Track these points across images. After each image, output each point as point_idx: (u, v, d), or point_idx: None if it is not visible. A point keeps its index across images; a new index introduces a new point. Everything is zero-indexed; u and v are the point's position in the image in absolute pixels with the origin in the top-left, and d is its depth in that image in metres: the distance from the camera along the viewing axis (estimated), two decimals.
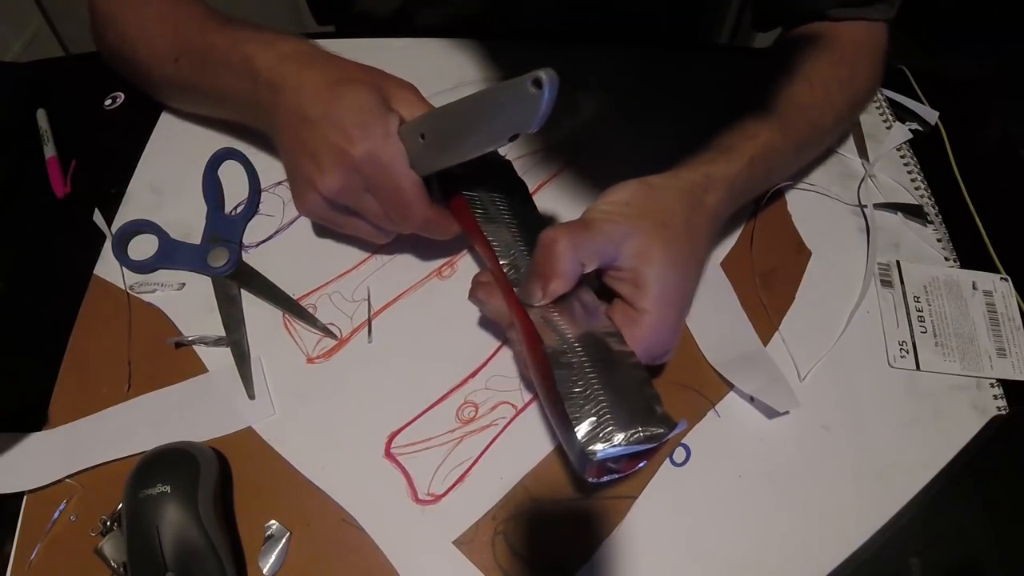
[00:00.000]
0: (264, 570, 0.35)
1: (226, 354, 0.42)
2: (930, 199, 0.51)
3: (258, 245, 0.47)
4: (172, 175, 0.50)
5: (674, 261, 0.36)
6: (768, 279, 0.46)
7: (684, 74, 0.57)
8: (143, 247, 0.46)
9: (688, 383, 0.42)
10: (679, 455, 0.39)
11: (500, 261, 0.38)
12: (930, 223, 0.50)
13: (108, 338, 0.42)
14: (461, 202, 0.41)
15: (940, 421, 0.41)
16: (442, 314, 0.43)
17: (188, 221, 0.47)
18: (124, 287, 0.44)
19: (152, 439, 0.37)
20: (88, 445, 0.38)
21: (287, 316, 0.43)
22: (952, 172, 0.53)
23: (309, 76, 0.39)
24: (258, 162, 0.50)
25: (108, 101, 0.55)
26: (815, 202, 0.51)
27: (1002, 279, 0.47)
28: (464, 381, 0.41)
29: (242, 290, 0.44)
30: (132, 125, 0.53)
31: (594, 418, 0.31)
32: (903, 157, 0.54)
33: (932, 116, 0.56)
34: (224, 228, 0.47)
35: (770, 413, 0.40)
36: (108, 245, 0.46)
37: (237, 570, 0.34)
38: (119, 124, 0.54)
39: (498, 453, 0.39)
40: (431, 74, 0.55)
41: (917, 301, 0.46)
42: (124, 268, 0.45)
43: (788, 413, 0.40)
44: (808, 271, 0.47)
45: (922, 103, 0.57)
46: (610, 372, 0.33)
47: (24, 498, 0.37)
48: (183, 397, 0.40)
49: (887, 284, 0.47)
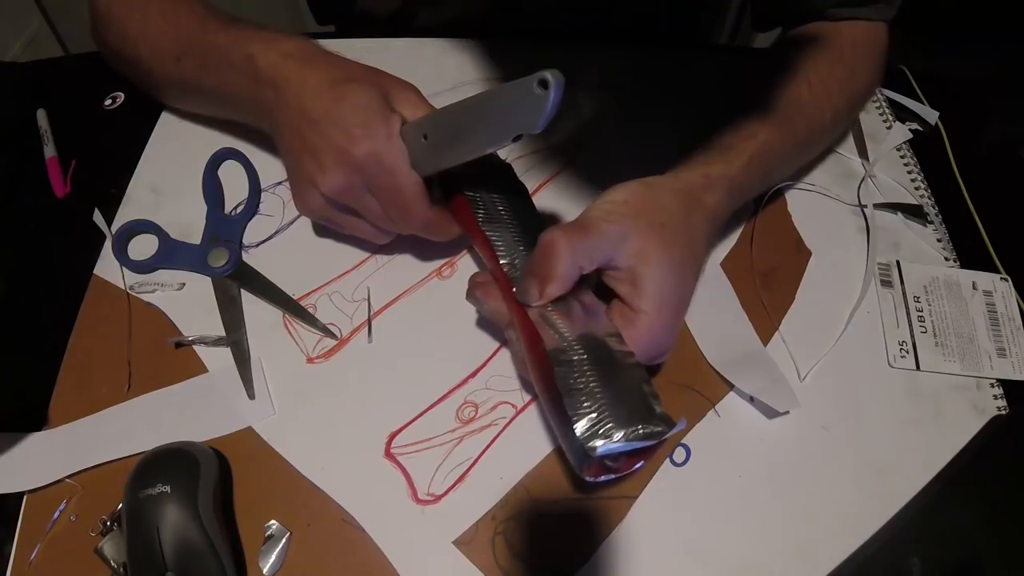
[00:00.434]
0: (264, 570, 0.35)
1: (226, 354, 0.42)
2: (930, 199, 0.51)
3: (258, 245, 0.47)
4: (172, 175, 0.50)
5: (672, 261, 0.36)
6: (768, 279, 0.46)
7: (684, 74, 0.57)
8: (143, 247, 0.46)
9: (688, 383, 0.42)
10: (679, 455, 0.39)
11: (500, 261, 0.38)
12: (930, 223, 0.50)
13: (108, 338, 0.42)
14: (462, 201, 0.41)
15: (940, 421, 0.41)
16: (442, 314, 0.43)
17: (188, 221, 0.47)
18: (124, 287, 0.44)
19: (152, 439, 0.37)
20: (88, 445, 0.38)
21: (287, 316, 0.43)
22: (952, 172, 0.53)
23: (311, 75, 0.39)
24: (258, 162, 0.50)
25: (108, 101, 0.55)
26: (815, 202, 0.51)
27: (1002, 279, 0.47)
28: (464, 381, 0.41)
29: (242, 290, 0.44)
30: (132, 125, 0.53)
31: (594, 415, 0.31)
32: (903, 157, 0.54)
33: (932, 116, 0.56)
34: (224, 228, 0.47)
35: (770, 413, 0.40)
36: (108, 245, 0.46)
37: (237, 570, 0.34)
38: (119, 124, 0.54)
39: (498, 453, 0.39)
40: (431, 74, 0.55)
41: (917, 301, 0.46)
42: (124, 268, 0.45)
43: (788, 413, 0.40)
44: (808, 271, 0.47)
45: (922, 103, 0.57)
46: (609, 371, 0.33)
47: (24, 498, 0.37)
48: (183, 397, 0.40)
49: (887, 284, 0.47)
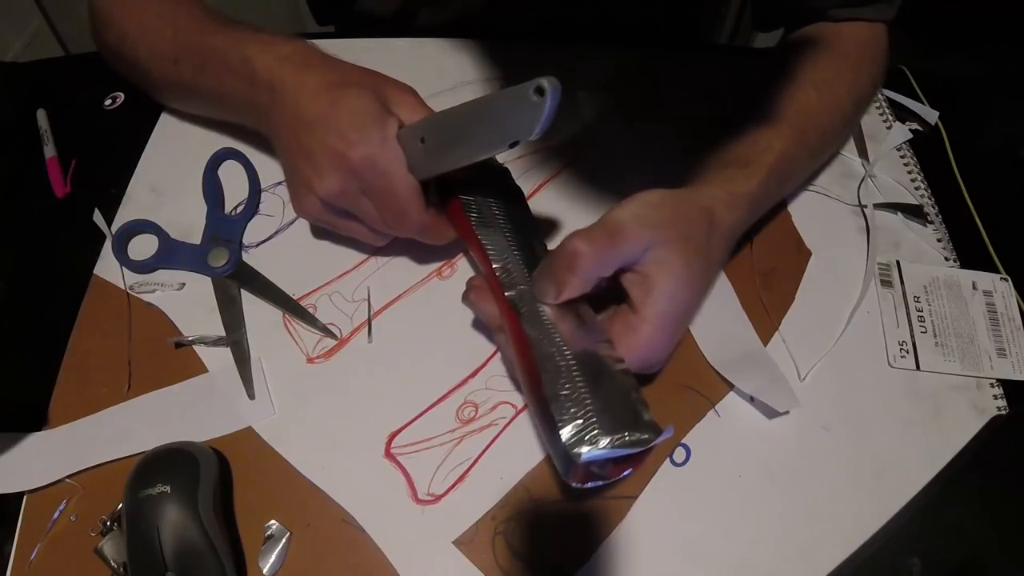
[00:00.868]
0: (264, 570, 0.35)
1: (226, 354, 0.42)
2: (930, 199, 0.51)
3: (258, 245, 0.47)
4: (172, 175, 0.50)
5: (689, 277, 0.35)
6: (768, 279, 0.46)
7: (684, 74, 0.57)
8: (143, 247, 0.46)
9: (688, 383, 0.42)
10: (679, 455, 0.39)
11: (493, 265, 0.38)
12: (930, 223, 0.50)
13: (108, 338, 0.42)
14: (457, 205, 0.41)
15: (940, 421, 0.41)
16: (442, 314, 0.43)
17: (188, 221, 0.47)
18: (124, 287, 0.44)
19: (152, 439, 0.37)
20: (88, 445, 0.38)
21: (287, 316, 0.43)
22: (952, 172, 0.53)
23: (308, 78, 0.39)
24: (258, 162, 0.50)
25: (108, 101, 0.55)
26: (815, 202, 0.51)
27: (1002, 279, 0.47)
28: (464, 381, 0.41)
29: (242, 290, 0.44)
30: (132, 125, 0.53)
31: (580, 421, 0.31)
32: (903, 157, 0.54)
33: (932, 116, 0.56)
34: (224, 228, 0.47)
35: (770, 413, 0.40)
36: (108, 245, 0.46)
37: (237, 570, 0.34)
38: (119, 124, 0.54)
39: (498, 453, 0.39)
40: (431, 74, 0.55)
41: (917, 301, 0.46)
42: (124, 268, 0.45)
43: (788, 413, 0.40)
44: (808, 271, 0.47)
45: (922, 103, 0.57)
46: (598, 377, 0.33)
47: (24, 498, 0.37)
48: (183, 397, 0.40)
49: (887, 284, 0.47)
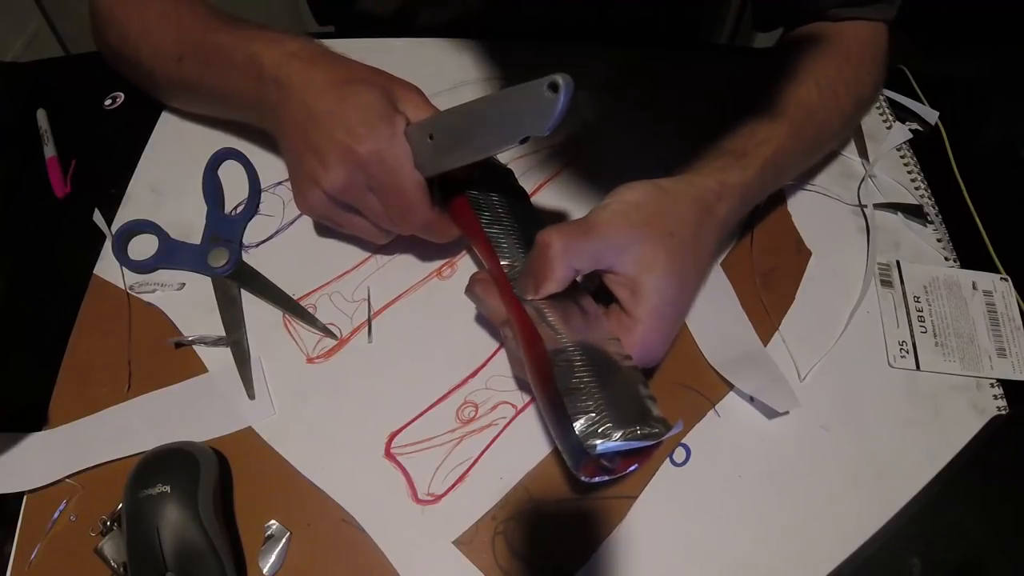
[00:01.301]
0: (264, 570, 0.35)
1: (226, 354, 0.42)
2: (930, 199, 0.51)
3: (258, 245, 0.47)
4: (172, 175, 0.50)
5: (676, 273, 0.35)
6: (768, 279, 0.46)
7: (684, 74, 0.57)
8: (143, 247, 0.46)
9: (688, 383, 0.42)
10: (679, 455, 0.39)
11: (502, 262, 0.38)
12: (930, 223, 0.50)
13: (108, 338, 0.42)
14: (464, 203, 0.41)
15: (940, 421, 0.41)
16: (442, 314, 0.43)
17: (188, 221, 0.47)
18: (124, 287, 0.44)
19: (152, 439, 0.37)
20: (88, 445, 0.38)
21: (287, 316, 0.43)
22: (952, 172, 0.53)
23: (316, 74, 0.39)
24: (258, 162, 0.50)
25: (108, 101, 0.55)
26: (815, 202, 0.51)
27: (1002, 279, 0.47)
28: (464, 381, 0.41)
29: (242, 290, 0.44)
30: (132, 125, 0.53)
31: (593, 414, 0.31)
32: (903, 157, 0.54)
33: (932, 116, 0.56)
34: (224, 228, 0.47)
35: (770, 413, 0.40)
36: (108, 245, 0.46)
37: (237, 570, 0.34)
38: (119, 124, 0.54)
39: (498, 453, 0.39)
40: (431, 74, 0.55)
41: (917, 301, 0.46)
42: (124, 268, 0.45)
43: (788, 413, 0.40)
44: (808, 271, 0.47)
45: (922, 103, 0.57)
46: (607, 372, 0.33)
47: (24, 498, 0.37)
48: (183, 397, 0.40)
49: (887, 284, 0.47)
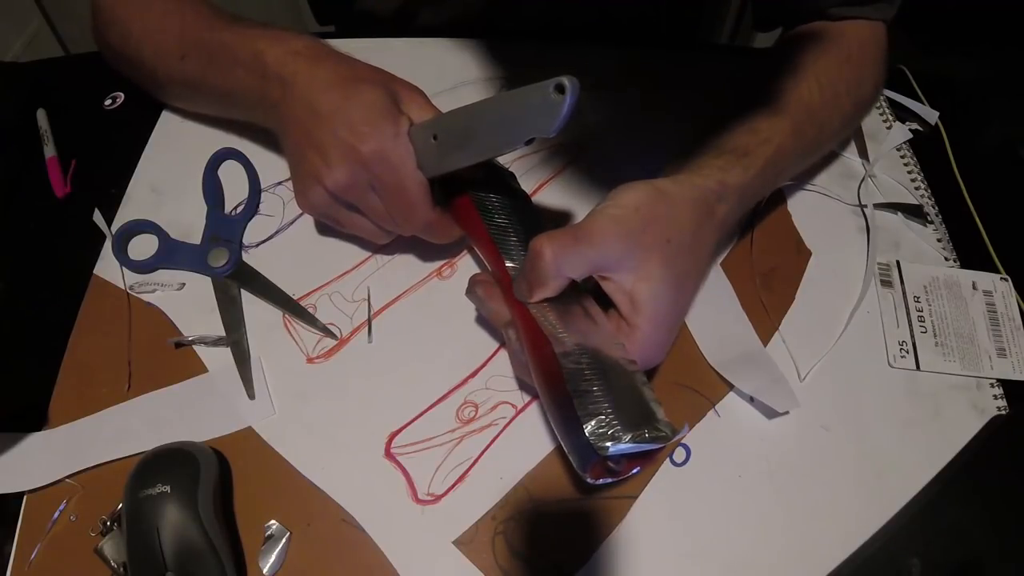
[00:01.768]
0: (264, 570, 0.35)
1: (226, 354, 0.42)
2: (930, 199, 0.51)
3: (258, 245, 0.47)
4: (172, 175, 0.50)
5: (673, 279, 0.35)
6: (768, 279, 0.46)
7: (684, 74, 0.57)
8: (143, 247, 0.46)
9: (688, 383, 0.42)
10: (679, 455, 0.39)
11: (506, 264, 0.38)
12: (930, 223, 0.50)
13: (108, 338, 0.42)
14: (467, 204, 0.41)
15: (940, 421, 0.41)
16: (442, 314, 0.43)
17: (188, 221, 0.47)
18: (124, 287, 0.44)
19: (152, 439, 0.37)
20: (88, 445, 0.38)
21: (287, 316, 0.43)
22: (952, 172, 0.53)
23: (320, 72, 0.39)
24: (258, 162, 0.50)
25: (108, 101, 0.55)
26: (815, 202, 0.51)
27: (1002, 279, 0.47)
28: (464, 381, 0.41)
29: (242, 290, 0.44)
30: (132, 125, 0.53)
31: (602, 416, 0.31)
32: (903, 157, 0.54)
33: (932, 116, 0.56)
34: (224, 228, 0.47)
35: (770, 413, 0.40)
36: (108, 245, 0.46)
37: (237, 570, 0.34)
38: (119, 124, 0.54)
39: (498, 453, 0.39)
40: (431, 74, 0.55)
41: (917, 301, 0.46)
42: (124, 268, 0.45)
43: (788, 413, 0.40)
44: (808, 271, 0.47)
45: (922, 103, 0.57)
46: (613, 375, 0.33)
47: (24, 498, 0.37)
48: (183, 397, 0.40)
49: (887, 284, 0.47)
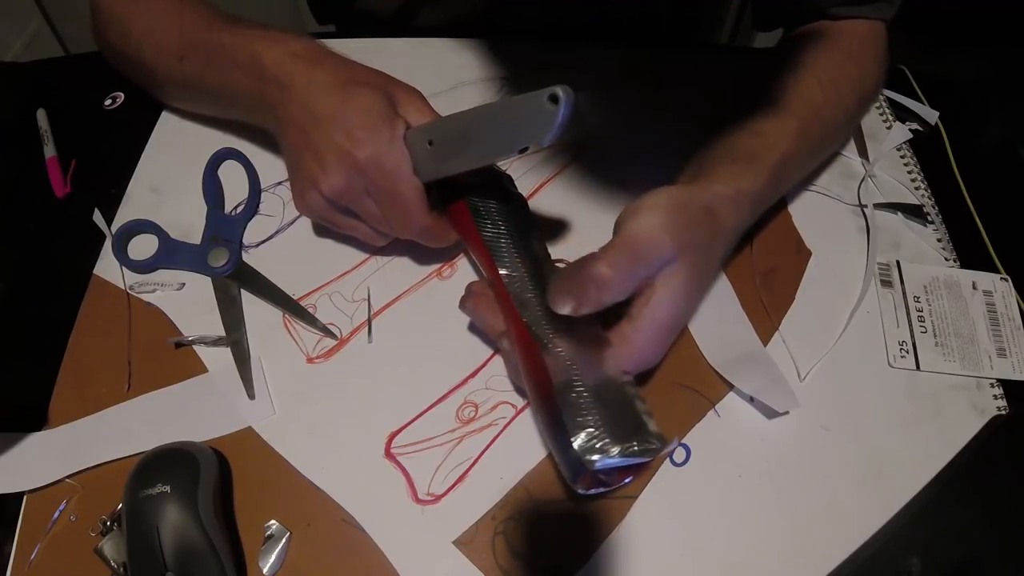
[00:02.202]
0: (264, 570, 0.35)
1: (226, 354, 0.42)
2: (930, 199, 0.51)
3: (258, 245, 0.47)
4: (172, 175, 0.50)
5: (688, 288, 0.35)
6: (768, 279, 0.46)
7: (684, 74, 0.57)
8: (143, 247, 0.46)
9: (688, 383, 0.42)
10: (679, 455, 0.39)
11: (500, 271, 0.38)
12: (930, 223, 0.50)
13: (108, 338, 0.42)
14: (463, 209, 0.41)
15: (940, 421, 0.41)
16: (442, 314, 0.43)
17: (188, 221, 0.47)
18: (124, 287, 0.44)
19: (152, 439, 0.37)
20: (88, 445, 0.38)
21: (287, 316, 0.43)
22: (952, 172, 0.53)
23: (318, 75, 0.39)
24: (258, 162, 0.50)
25: (108, 101, 0.55)
26: (815, 202, 0.51)
27: (1002, 279, 0.47)
28: (464, 381, 0.41)
29: (242, 290, 0.44)
30: (132, 125, 0.53)
31: (591, 428, 0.31)
32: (903, 157, 0.54)
33: (932, 116, 0.56)
34: (224, 228, 0.47)
35: (770, 413, 0.40)
36: (108, 245, 0.46)
37: (237, 570, 0.34)
38: (119, 124, 0.54)
39: (498, 453, 0.39)
40: (431, 74, 0.55)
41: (917, 301, 0.46)
42: (124, 268, 0.45)
43: (788, 413, 0.40)
44: (808, 271, 0.47)
45: (922, 103, 0.57)
46: (605, 387, 0.33)
47: (24, 498, 0.37)
48: (183, 397, 0.40)
49: (887, 284, 0.47)
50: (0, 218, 0.49)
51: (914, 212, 0.50)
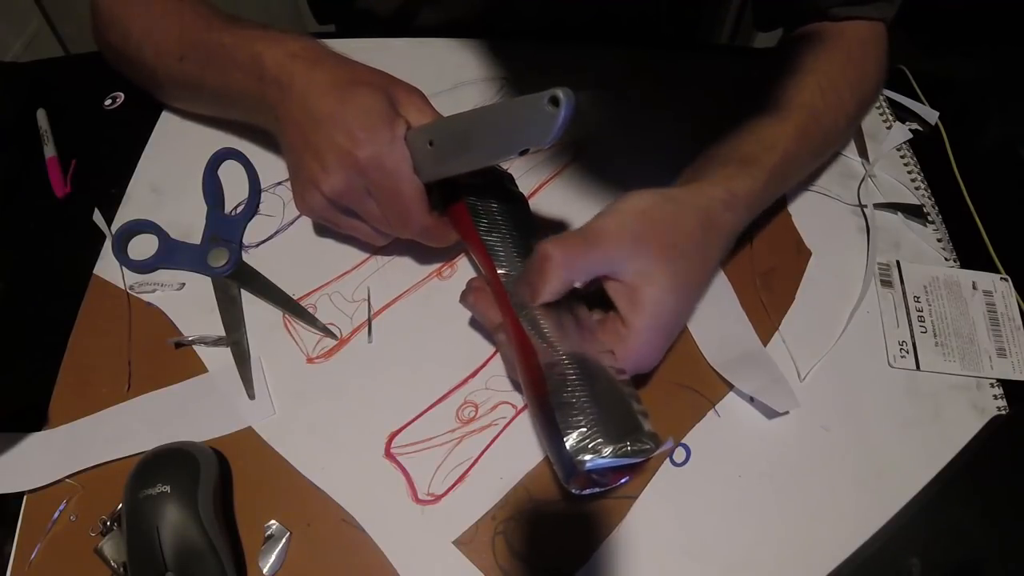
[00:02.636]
0: (264, 570, 0.35)
1: (226, 354, 0.42)
2: (930, 199, 0.51)
3: (258, 245, 0.47)
4: (172, 175, 0.50)
5: (677, 285, 0.35)
6: (768, 279, 0.46)
7: (685, 74, 0.57)
8: (143, 247, 0.46)
9: (688, 383, 0.42)
10: (679, 455, 0.39)
11: (499, 271, 0.38)
12: (930, 223, 0.50)
13: (108, 338, 0.42)
14: (462, 209, 0.41)
15: (940, 421, 0.41)
16: (442, 314, 0.43)
17: (188, 221, 0.47)
18: (124, 287, 0.44)
19: (152, 439, 0.37)
20: (88, 445, 0.38)
21: (287, 316, 0.43)
22: (952, 172, 0.53)
23: (318, 75, 0.39)
24: (258, 162, 0.50)
25: (108, 101, 0.55)
26: (815, 202, 0.51)
27: (1002, 279, 0.47)
28: (464, 381, 0.41)
29: (242, 290, 0.44)
30: (132, 125, 0.53)
31: (584, 429, 0.31)
32: (903, 157, 0.54)
33: (932, 116, 0.56)
34: (224, 228, 0.47)
35: (770, 413, 0.40)
36: (108, 245, 0.46)
37: (237, 570, 0.34)
38: (119, 124, 0.54)
39: (498, 453, 0.39)
40: (431, 74, 0.55)
41: (917, 301, 0.46)
42: (124, 268, 0.45)
43: (788, 413, 0.40)
44: (808, 271, 0.47)
45: (922, 103, 0.57)
46: (600, 386, 0.33)
47: (24, 498, 0.37)
48: (183, 397, 0.40)
49: (887, 284, 0.47)
50: (0, 218, 0.49)
51: (914, 212, 0.50)
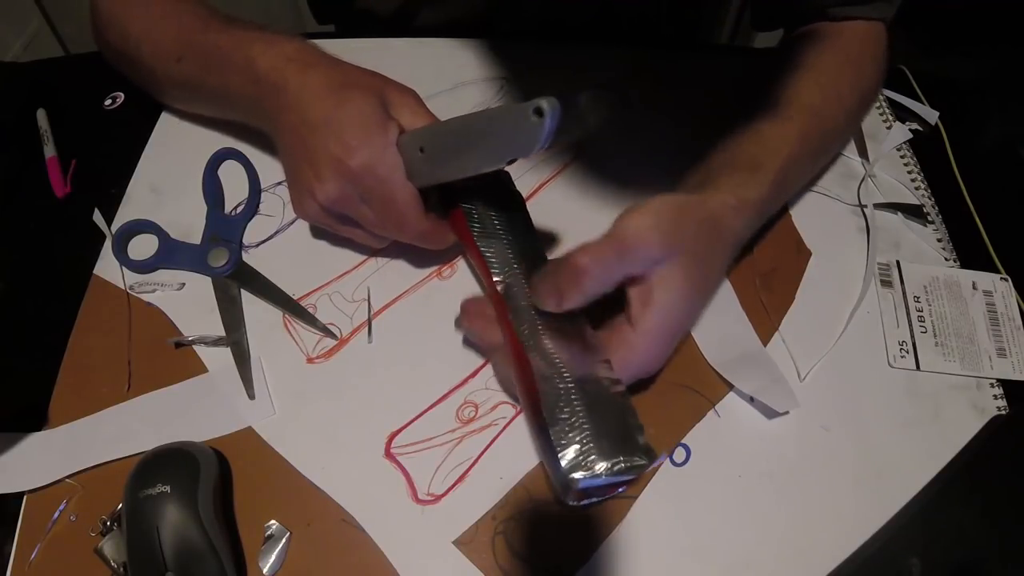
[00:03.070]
0: (264, 570, 0.35)
1: (226, 354, 0.42)
2: (930, 199, 0.51)
3: (258, 245, 0.47)
4: (172, 175, 0.50)
5: (689, 293, 0.35)
6: (768, 279, 0.46)
7: (685, 74, 0.57)
8: (143, 247, 0.46)
9: (688, 383, 0.42)
10: (679, 455, 0.39)
11: (494, 278, 0.38)
12: (930, 223, 0.50)
13: (108, 338, 0.42)
14: (459, 214, 0.41)
15: (940, 421, 0.41)
16: (442, 314, 0.43)
17: (188, 221, 0.47)
18: (124, 287, 0.44)
19: (152, 439, 0.37)
20: (88, 445, 0.38)
21: (287, 316, 0.43)
22: (952, 172, 0.53)
23: (312, 79, 0.39)
24: (258, 162, 0.50)
25: (108, 101, 0.55)
26: (815, 202, 0.51)
27: (1002, 279, 0.47)
28: (464, 381, 0.41)
29: (242, 290, 0.44)
30: (132, 125, 0.53)
31: (578, 446, 0.31)
32: (903, 157, 0.54)
33: (932, 116, 0.56)
34: (224, 228, 0.47)
35: (770, 413, 0.40)
36: (108, 245, 0.46)
37: (237, 570, 0.34)
38: (119, 124, 0.54)
39: (498, 453, 0.39)
40: (431, 74, 0.55)
41: (917, 301, 0.46)
42: (124, 268, 0.45)
43: (788, 413, 0.40)
44: (808, 271, 0.47)
45: (922, 103, 0.57)
46: (595, 400, 0.33)
47: (24, 498, 0.37)
48: (183, 397, 0.40)
49: (887, 284, 0.47)
50: (0, 218, 0.49)
51: (914, 212, 0.50)
